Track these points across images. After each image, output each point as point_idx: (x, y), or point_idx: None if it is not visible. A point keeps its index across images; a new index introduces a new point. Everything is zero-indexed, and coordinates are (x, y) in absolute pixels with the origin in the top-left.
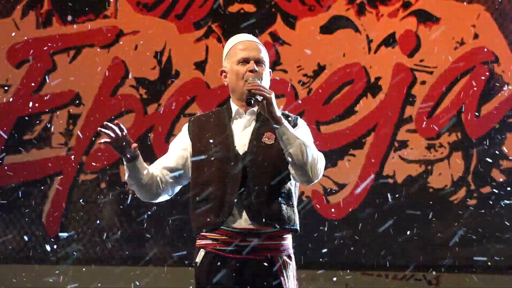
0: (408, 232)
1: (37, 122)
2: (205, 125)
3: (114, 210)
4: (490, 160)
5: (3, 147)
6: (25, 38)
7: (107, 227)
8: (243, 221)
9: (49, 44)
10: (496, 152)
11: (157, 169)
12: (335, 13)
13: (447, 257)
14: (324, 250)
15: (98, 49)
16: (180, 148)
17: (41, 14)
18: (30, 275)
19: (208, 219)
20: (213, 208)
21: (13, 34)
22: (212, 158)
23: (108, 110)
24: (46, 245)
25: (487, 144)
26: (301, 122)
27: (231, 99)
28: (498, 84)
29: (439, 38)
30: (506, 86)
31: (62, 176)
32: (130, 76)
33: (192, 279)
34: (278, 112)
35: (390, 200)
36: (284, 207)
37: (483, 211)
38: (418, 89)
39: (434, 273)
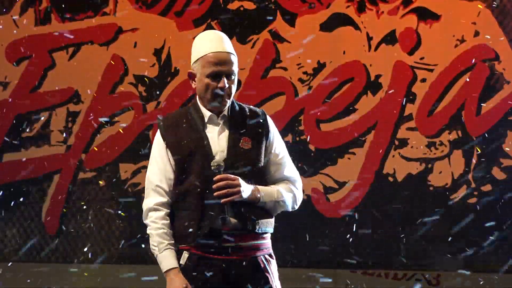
0: (408, 231)
1: (36, 119)
2: (177, 129)
3: (114, 208)
4: (490, 158)
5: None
6: (24, 35)
7: (106, 225)
8: (228, 224)
9: (48, 41)
10: (497, 150)
11: (167, 216)
12: (335, 10)
13: (447, 256)
14: (324, 249)
15: (97, 47)
16: (168, 166)
17: (39, 11)
18: (29, 274)
19: (190, 230)
20: (197, 217)
21: (15, 31)
22: (192, 167)
23: (107, 107)
24: (45, 243)
25: (488, 142)
26: (272, 127)
27: (198, 101)
28: (498, 82)
29: (439, 35)
30: (506, 83)
31: (61, 174)
32: (129, 73)
33: None
34: (251, 192)
35: (390, 198)
36: (264, 210)
37: (483, 209)
38: (418, 86)
39: (434, 273)
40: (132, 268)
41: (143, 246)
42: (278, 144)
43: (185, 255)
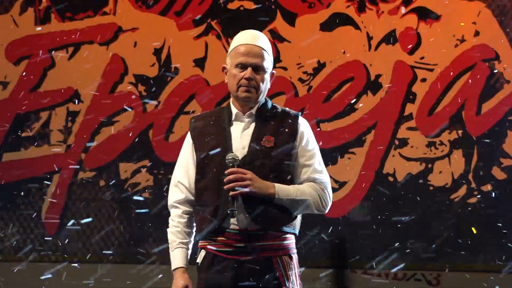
0: (408, 231)
1: (36, 119)
2: (205, 127)
3: (114, 208)
4: (490, 158)
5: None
6: (24, 34)
7: (106, 225)
8: (241, 223)
9: (48, 41)
10: (497, 150)
11: (185, 214)
12: (335, 10)
13: (447, 256)
14: (324, 249)
15: (97, 46)
16: (191, 163)
17: (39, 10)
18: (29, 273)
19: (207, 225)
20: (211, 213)
21: (15, 31)
22: (212, 162)
23: (107, 107)
24: (45, 243)
25: (488, 141)
26: (302, 127)
27: (231, 99)
28: (498, 82)
29: (439, 35)
30: (506, 83)
31: (61, 174)
32: (129, 73)
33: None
34: (266, 189)
35: (390, 198)
36: (283, 210)
37: (483, 209)
38: (418, 86)
39: (434, 273)
40: (132, 268)
41: (143, 245)
42: (308, 147)
43: (202, 253)
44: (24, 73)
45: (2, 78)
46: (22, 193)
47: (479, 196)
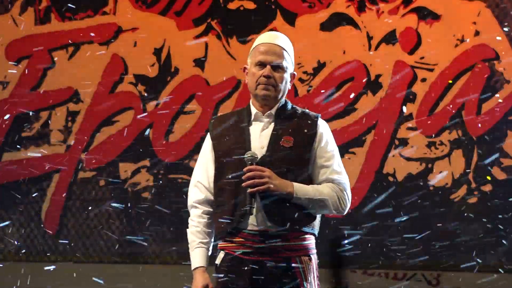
0: (408, 231)
1: (36, 119)
2: (224, 127)
3: (113, 208)
4: (490, 158)
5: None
6: (24, 34)
7: (106, 224)
8: (260, 223)
9: (48, 41)
10: (497, 150)
11: (205, 214)
12: (335, 10)
13: (447, 256)
14: (324, 249)
15: (97, 46)
16: (210, 163)
17: (39, 10)
18: (29, 273)
19: (225, 225)
20: (229, 213)
21: (15, 31)
22: (231, 162)
23: (107, 107)
24: (45, 243)
25: (488, 141)
26: (322, 129)
27: (251, 100)
28: (498, 82)
29: (439, 35)
30: (506, 83)
31: (61, 174)
32: (129, 73)
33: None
34: (284, 188)
35: (390, 198)
36: (302, 210)
37: (483, 209)
38: (418, 86)
39: (434, 273)
40: (132, 268)
41: (142, 245)
42: (327, 148)
43: (221, 254)
44: (24, 73)
45: (2, 78)
46: (22, 193)
47: (479, 196)
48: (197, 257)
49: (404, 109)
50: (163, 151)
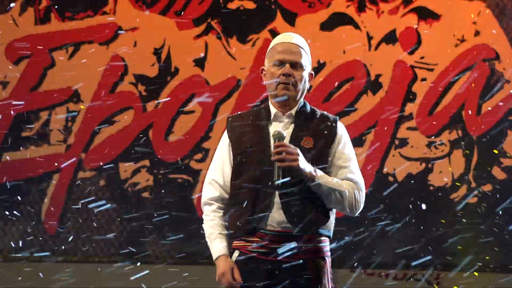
0: (408, 231)
1: (36, 119)
2: (243, 126)
3: (113, 208)
4: (491, 158)
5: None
6: (24, 34)
7: (106, 224)
8: (277, 224)
9: (48, 41)
10: (497, 149)
11: (220, 209)
12: (335, 10)
13: (447, 256)
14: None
15: (97, 46)
16: (227, 162)
17: (39, 10)
18: (29, 273)
19: (243, 224)
20: (248, 213)
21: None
22: (249, 161)
23: (107, 107)
24: (44, 243)
25: (488, 141)
26: (340, 130)
27: (269, 100)
28: (499, 81)
29: (439, 35)
30: (507, 83)
31: (61, 174)
32: (129, 72)
33: (193, 277)
34: (308, 168)
35: (390, 198)
36: (319, 211)
37: (483, 209)
38: (418, 86)
39: (434, 273)
40: (132, 267)
41: (142, 244)
42: (345, 150)
43: (236, 254)
44: (24, 73)
45: (2, 78)
46: (22, 193)
47: (479, 196)
48: (218, 247)
49: (404, 109)
50: (163, 151)
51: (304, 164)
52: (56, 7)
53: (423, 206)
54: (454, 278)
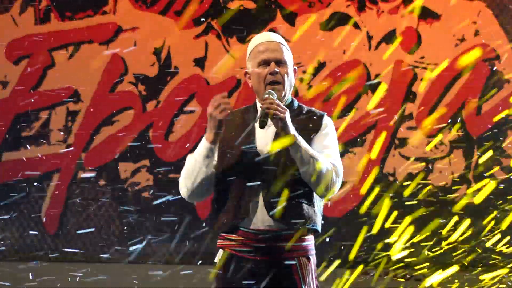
0: (409, 231)
1: (36, 118)
2: (231, 123)
3: (113, 207)
4: (490, 158)
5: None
6: (24, 34)
7: (106, 224)
8: (261, 222)
9: (48, 40)
10: (497, 150)
11: None
12: (336, 9)
13: (447, 256)
14: (324, 249)
15: (97, 46)
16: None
17: (39, 10)
18: (29, 273)
19: (226, 220)
20: (231, 208)
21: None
22: (234, 157)
23: (107, 107)
24: (44, 243)
25: (488, 141)
26: (326, 121)
27: (257, 99)
28: (498, 81)
29: (439, 35)
30: (506, 83)
31: (60, 173)
32: (128, 72)
33: (193, 277)
34: (292, 129)
35: (390, 198)
36: (305, 206)
37: (483, 209)
38: (418, 86)
39: (434, 273)
40: (132, 267)
41: (142, 244)
42: (327, 138)
43: (220, 253)
44: (24, 73)
45: (2, 78)
46: (22, 193)
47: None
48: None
49: (404, 109)
50: (163, 151)
51: (289, 122)
52: (56, 7)
53: (423, 207)
54: (454, 278)
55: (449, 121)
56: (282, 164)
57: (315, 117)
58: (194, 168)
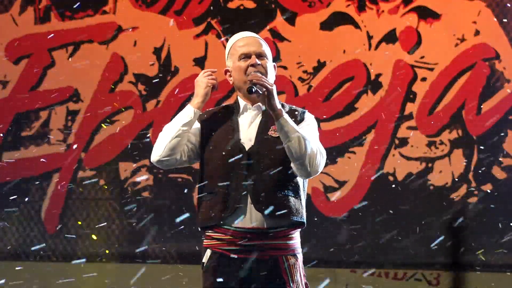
0: (408, 231)
1: (36, 118)
2: (213, 118)
3: (113, 207)
4: (491, 157)
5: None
6: (24, 33)
7: (106, 224)
8: (248, 220)
9: (48, 40)
10: (497, 149)
11: None
12: (336, 9)
13: (447, 256)
14: (324, 249)
15: (97, 45)
16: (194, 139)
17: (39, 9)
18: (29, 272)
19: (212, 214)
20: (217, 203)
21: (14, 30)
22: (218, 152)
23: (106, 106)
24: (44, 242)
25: (488, 141)
26: (308, 116)
27: (238, 95)
28: (499, 81)
29: (439, 34)
30: (507, 82)
31: (60, 173)
32: (128, 72)
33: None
34: (278, 105)
35: (390, 197)
36: (291, 199)
37: (483, 209)
38: (418, 86)
39: (434, 272)
40: (132, 267)
41: (142, 244)
42: (309, 126)
43: (207, 253)
44: (24, 73)
45: (2, 77)
46: (22, 193)
47: (479, 195)
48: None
49: (404, 108)
50: None
51: (276, 97)
52: (56, 6)
53: (423, 206)
54: (454, 278)
55: (449, 121)
56: (266, 156)
57: (296, 112)
58: (174, 129)
